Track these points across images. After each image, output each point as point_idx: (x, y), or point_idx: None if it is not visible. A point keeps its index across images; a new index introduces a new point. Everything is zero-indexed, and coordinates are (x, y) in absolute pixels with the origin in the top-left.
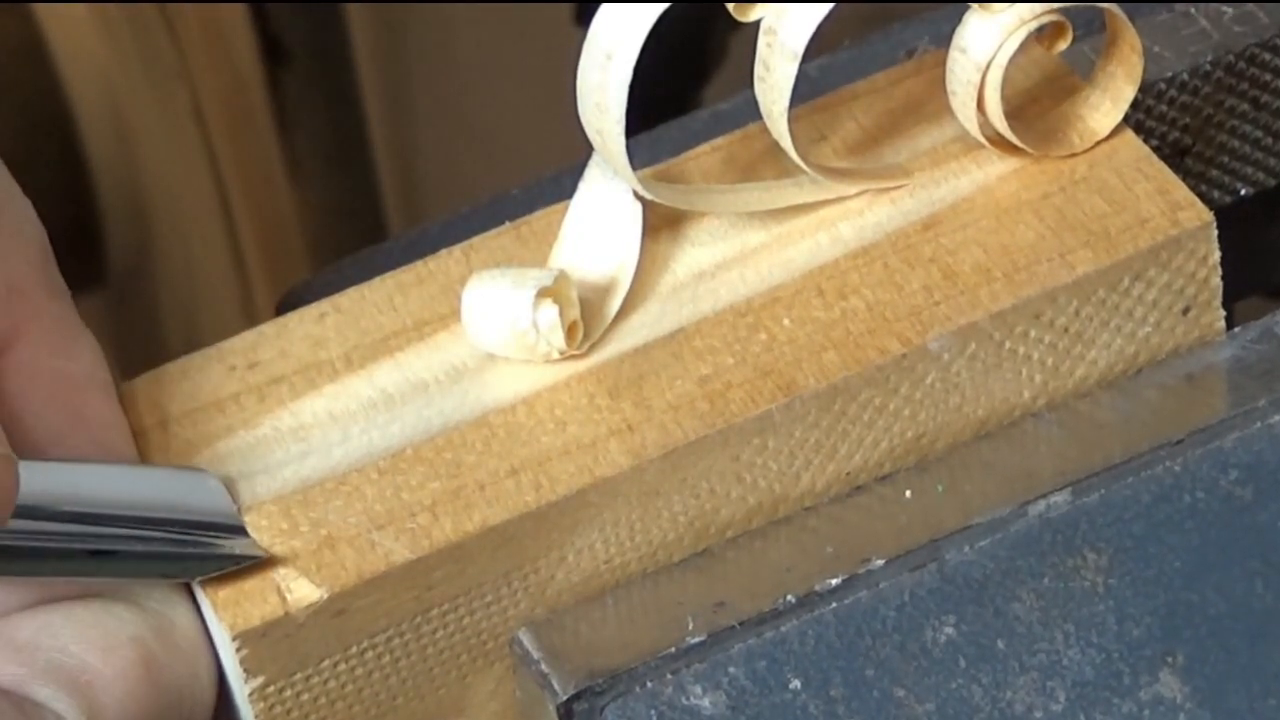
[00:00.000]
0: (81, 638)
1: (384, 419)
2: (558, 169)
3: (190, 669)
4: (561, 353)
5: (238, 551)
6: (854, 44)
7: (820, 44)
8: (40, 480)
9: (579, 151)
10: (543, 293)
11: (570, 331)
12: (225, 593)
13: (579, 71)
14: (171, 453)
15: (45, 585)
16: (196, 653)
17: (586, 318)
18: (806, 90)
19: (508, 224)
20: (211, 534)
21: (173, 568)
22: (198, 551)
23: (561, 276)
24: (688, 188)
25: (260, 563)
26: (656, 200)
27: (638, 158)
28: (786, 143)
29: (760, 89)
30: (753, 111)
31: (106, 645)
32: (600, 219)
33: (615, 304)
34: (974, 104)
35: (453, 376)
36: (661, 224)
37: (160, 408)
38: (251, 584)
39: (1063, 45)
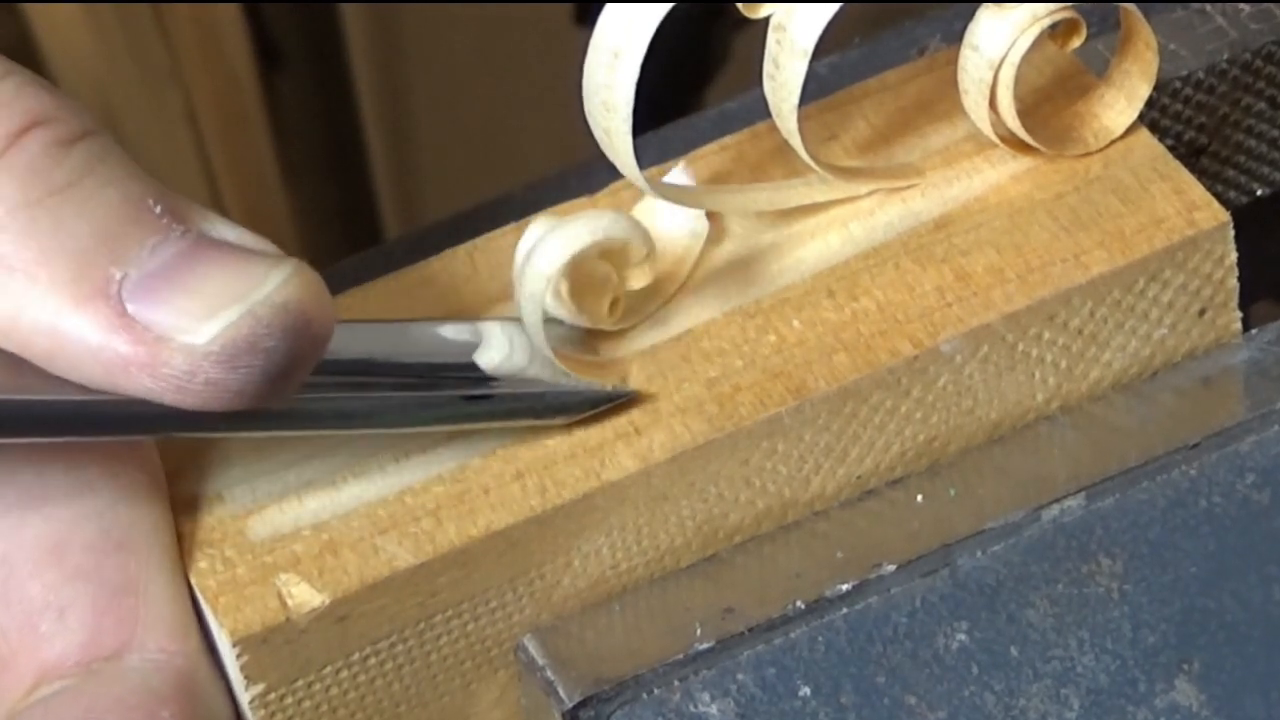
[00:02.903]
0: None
1: None
2: (556, 168)
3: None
4: (605, 324)
5: (608, 389)
6: (865, 42)
7: (830, 42)
8: (384, 333)
9: (578, 152)
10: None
11: (612, 305)
12: (226, 598)
13: (585, 71)
14: (171, 455)
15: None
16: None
17: (630, 300)
18: (816, 89)
19: (512, 224)
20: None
21: (544, 410)
22: (566, 391)
23: (612, 250)
24: (696, 187)
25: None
26: (664, 199)
27: (645, 157)
28: (796, 141)
29: (769, 86)
30: (761, 110)
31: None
32: (666, 218)
33: (659, 301)
34: (987, 102)
35: None
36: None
37: None
38: (252, 589)
39: (1076, 43)
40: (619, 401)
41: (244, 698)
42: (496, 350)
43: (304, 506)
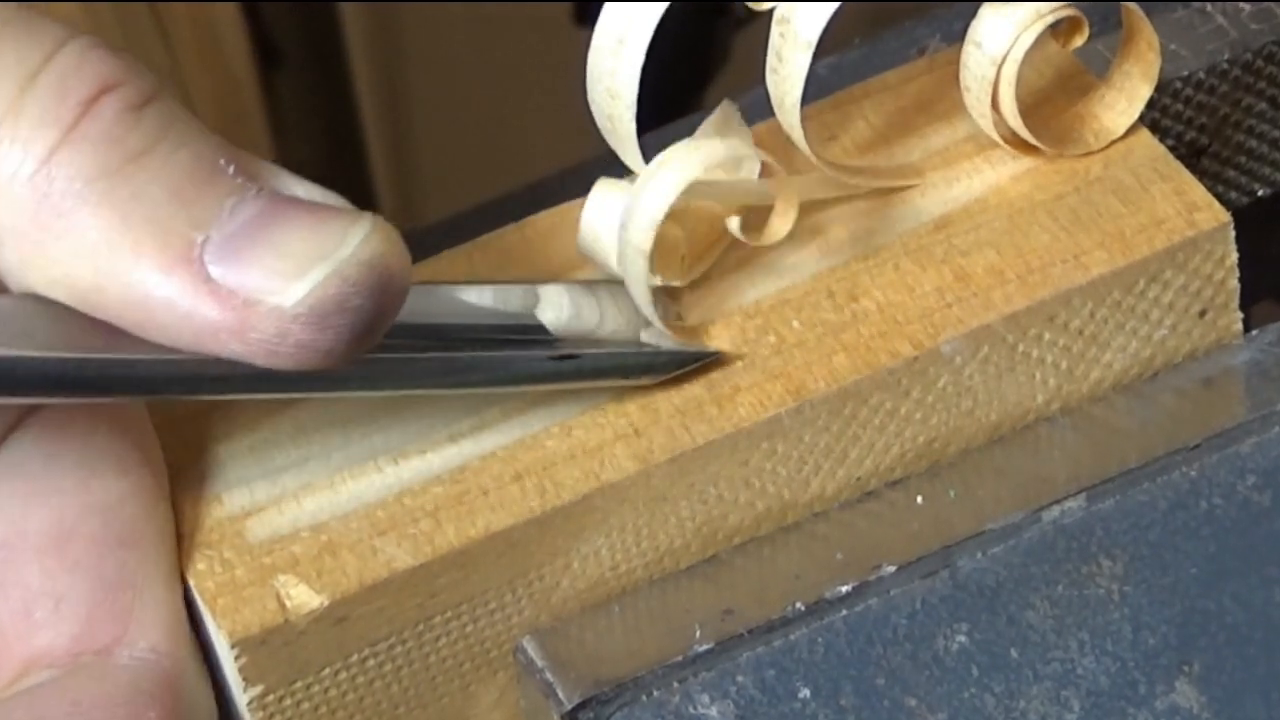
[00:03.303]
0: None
1: (385, 422)
2: (556, 169)
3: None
4: (666, 280)
5: (694, 350)
6: (864, 42)
7: (830, 42)
8: (468, 296)
9: (577, 153)
10: (673, 218)
11: (681, 261)
12: (224, 600)
13: (590, 57)
14: (169, 456)
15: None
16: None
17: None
18: (816, 89)
19: (512, 224)
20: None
21: (632, 370)
22: (653, 352)
23: (685, 208)
24: (696, 179)
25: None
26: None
27: (644, 156)
28: (798, 135)
29: (772, 81)
30: (761, 110)
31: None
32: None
33: (717, 250)
34: (989, 100)
35: None
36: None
37: (158, 411)
38: (251, 591)
39: (1079, 41)
40: (705, 362)
41: (242, 699)
42: (555, 311)
43: (302, 508)
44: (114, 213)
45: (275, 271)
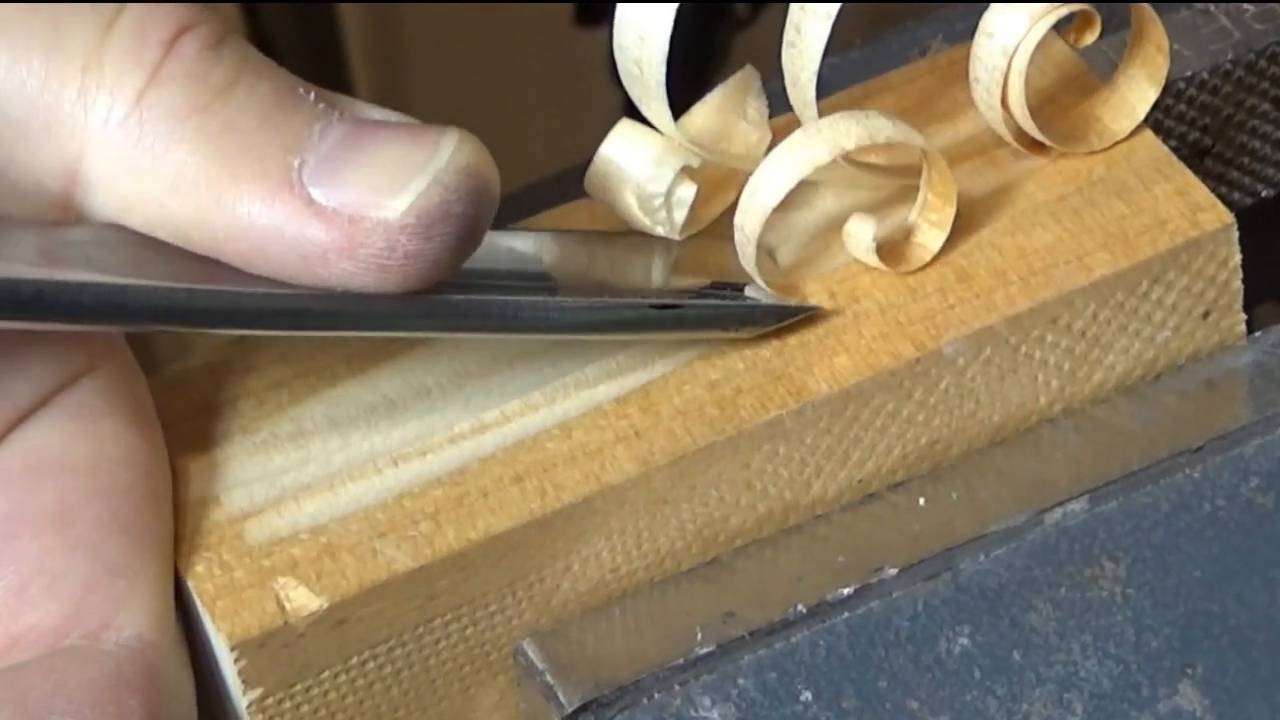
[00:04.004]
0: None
1: (385, 424)
2: (556, 170)
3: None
4: (674, 231)
5: (792, 304)
6: (866, 42)
7: (833, 43)
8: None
9: (577, 154)
10: (686, 169)
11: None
12: (224, 602)
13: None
14: (169, 458)
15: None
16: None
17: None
18: (819, 90)
19: (509, 226)
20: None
21: (731, 322)
22: (754, 305)
23: (704, 164)
24: (714, 143)
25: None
26: (682, 142)
27: None
28: (812, 112)
29: (789, 55)
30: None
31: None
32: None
33: (719, 208)
34: (999, 91)
35: (455, 381)
36: None
37: (158, 412)
38: (250, 593)
39: (1091, 37)
40: (803, 316)
41: (242, 702)
42: (561, 259)
43: (302, 510)
44: (209, 147)
45: (376, 186)
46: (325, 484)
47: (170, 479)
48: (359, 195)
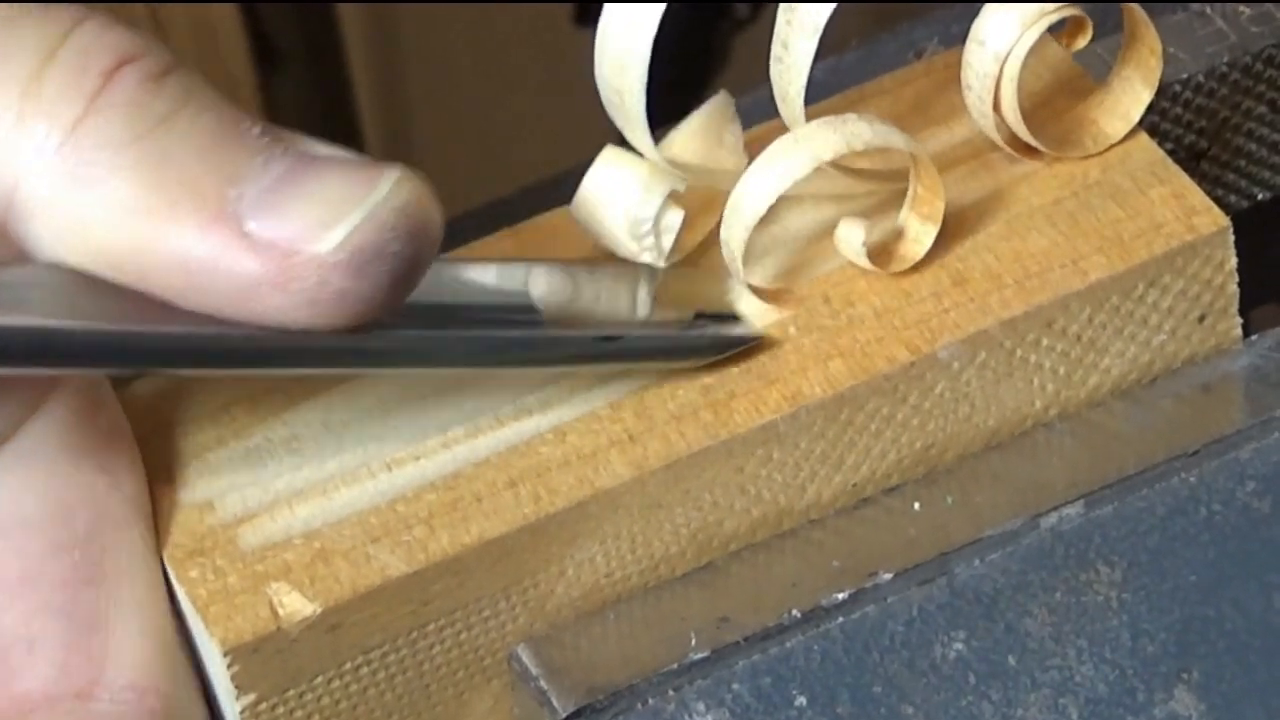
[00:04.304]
0: None
1: (379, 429)
2: (555, 172)
3: None
4: (662, 258)
5: (735, 334)
6: (861, 45)
7: (827, 45)
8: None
9: (577, 155)
10: (674, 194)
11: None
12: (217, 608)
13: (599, 30)
14: (162, 462)
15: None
16: None
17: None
18: (813, 93)
19: (506, 229)
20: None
21: (675, 353)
22: (695, 335)
23: (690, 189)
24: (696, 164)
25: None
26: (668, 168)
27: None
28: (801, 126)
29: (776, 70)
30: (760, 111)
31: None
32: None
33: (701, 233)
34: (991, 99)
35: (450, 386)
36: None
37: (152, 417)
38: (243, 598)
39: (1083, 42)
40: (748, 346)
41: (234, 708)
42: (547, 290)
43: (295, 514)
44: (146, 176)
45: (312, 220)
46: (319, 489)
47: (147, 498)
48: (294, 229)
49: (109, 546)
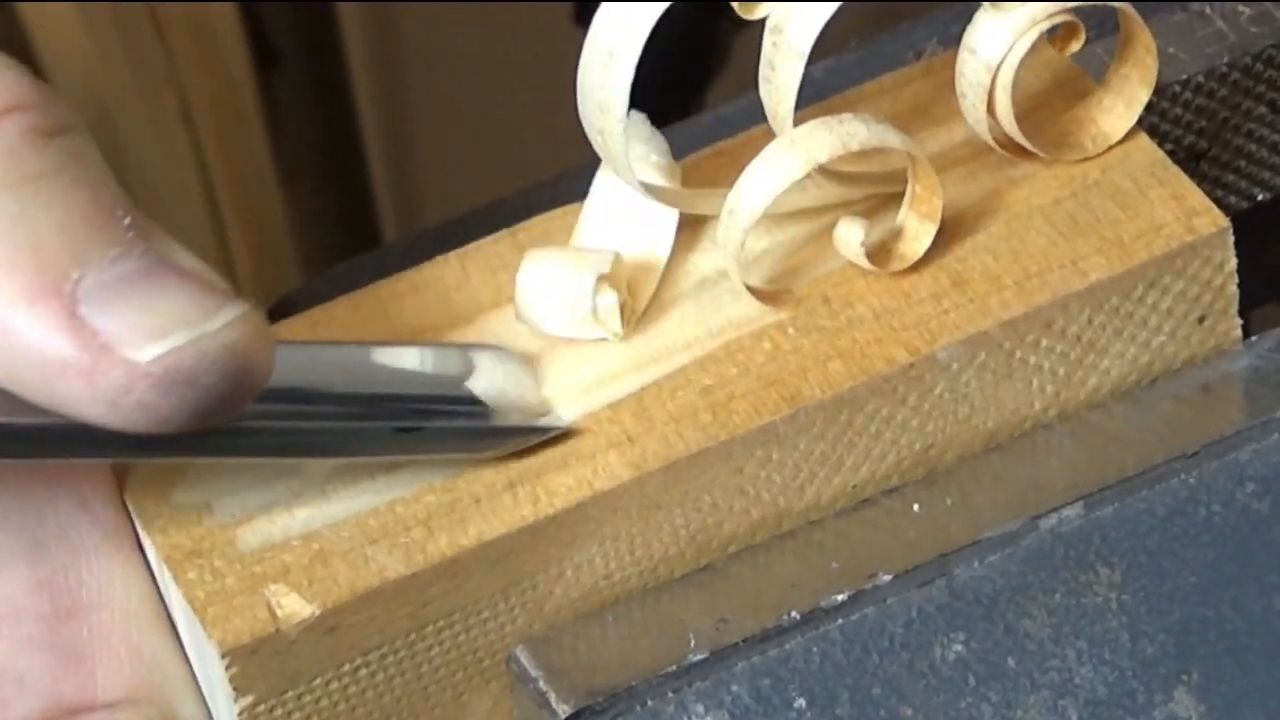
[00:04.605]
0: None
1: None
2: (555, 173)
3: None
4: (617, 335)
5: (539, 424)
6: (860, 45)
7: (826, 45)
8: (333, 358)
9: (577, 155)
10: (601, 278)
11: (622, 312)
12: (215, 609)
13: (580, 70)
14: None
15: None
16: None
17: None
18: (812, 93)
19: (504, 230)
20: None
21: (476, 443)
22: (500, 426)
23: (616, 260)
24: (690, 191)
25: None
26: (658, 202)
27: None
28: None
29: (765, 90)
30: (756, 114)
31: None
32: (629, 199)
33: (651, 287)
34: (984, 106)
35: None
36: None
37: None
38: (241, 600)
39: (1075, 46)
40: (550, 435)
41: (232, 710)
42: (488, 381)
43: (294, 516)
44: None
45: (138, 325)
46: (317, 490)
47: (124, 519)
48: (119, 329)
49: (86, 578)
